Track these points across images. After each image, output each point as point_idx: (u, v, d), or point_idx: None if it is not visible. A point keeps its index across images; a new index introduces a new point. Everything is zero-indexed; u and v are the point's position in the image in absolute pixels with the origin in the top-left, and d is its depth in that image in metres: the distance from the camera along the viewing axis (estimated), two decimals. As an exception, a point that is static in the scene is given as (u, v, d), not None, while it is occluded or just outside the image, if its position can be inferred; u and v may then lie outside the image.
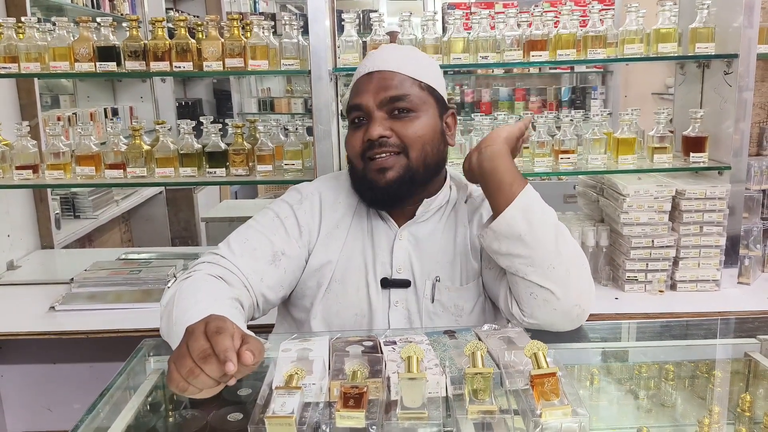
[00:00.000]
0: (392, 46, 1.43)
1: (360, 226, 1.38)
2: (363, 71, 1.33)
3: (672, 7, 1.99)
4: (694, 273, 2.05)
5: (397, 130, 1.27)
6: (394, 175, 1.27)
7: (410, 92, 1.29)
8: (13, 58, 2.01)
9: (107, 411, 1.04)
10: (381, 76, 1.29)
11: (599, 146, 2.07)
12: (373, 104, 1.28)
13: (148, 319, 1.94)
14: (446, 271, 1.36)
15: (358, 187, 1.35)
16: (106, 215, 3.52)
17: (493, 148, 1.26)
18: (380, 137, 1.26)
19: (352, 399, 0.91)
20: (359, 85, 1.32)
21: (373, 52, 1.37)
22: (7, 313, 2.07)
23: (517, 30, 2.03)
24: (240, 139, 2.12)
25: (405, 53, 1.37)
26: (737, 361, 1.24)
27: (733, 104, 2.00)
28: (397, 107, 1.28)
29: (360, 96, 1.30)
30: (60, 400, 2.39)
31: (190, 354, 0.87)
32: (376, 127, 1.26)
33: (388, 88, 1.28)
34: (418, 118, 1.29)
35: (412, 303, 1.35)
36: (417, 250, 1.36)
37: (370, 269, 1.35)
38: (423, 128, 1.29)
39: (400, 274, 1.35)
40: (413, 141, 1.28)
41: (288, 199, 1.41)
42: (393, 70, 1.30)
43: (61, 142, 2.12)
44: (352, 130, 1.32)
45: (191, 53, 2.01)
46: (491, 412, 0.92)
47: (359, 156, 1.30)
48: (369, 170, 1.29)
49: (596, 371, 1.22)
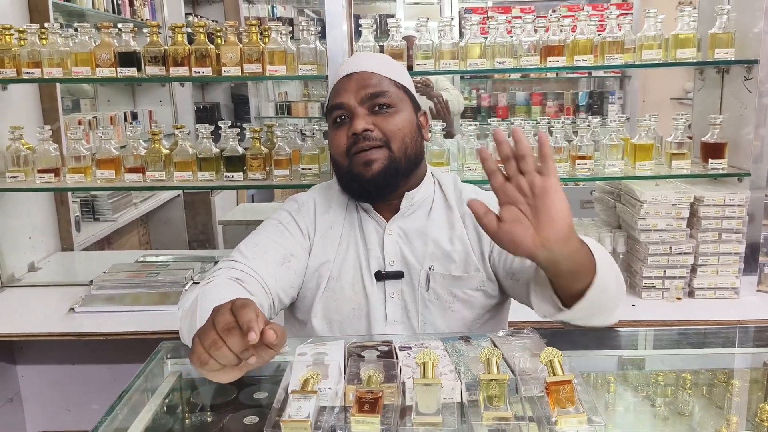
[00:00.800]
0: (367, 52, 1.53)
1: (351, 225, 1.44)
2: (342, 73, 1.41)
3: (691, 13, 1.97)
4: (713, 280, 2.03)
5: (379, 124, 1.34)
6: (379, 166, 1.33)
7: (389, 90, 1.37)
8: (36, 64, 2.05)
9: (125, 413, 1.05)
10: (360, 76, 1.37)
11: (617, 152, 2.06)
12: (354, 102, 1.35)
13: (166, 322, 1.96)
14: (441, 262, 1.39)
15: (346, 183, 1.42)
16: (124, 218, 3.56)
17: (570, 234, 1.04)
18: (364, 130, 1.33)
19: (367, 404, 0.92)
20: (339, 86, 1.39)
21: (349, 58, 1.49)
22: (27, 314, 2.10)
23: (534, 35, 2.02)
24: (257, 144, 2.14)
25: (381, 58, 1.48)
26: (756, 370, 1.23)
27: (753, 110, 1.98)
28: (378, 103, 1.35)
29: (341, 95, 1.37)
30: (79, 401, 2.41)
31: (215, 327, 0.89)
32: (359, 122, 1.33)
33: (368, 86, 1.36)
34: (397, 113, 1.36)
35: (408, 293, 1.39)
36: (408, 244, 1.41)
37: (364, 264, 1.40)
38: (402, 122, 1.36)
39: (392, 266, 1.39)
40: (394, 133, 1.35)
41: (287, 207, 1.48)
42: (370, 70, 1.38)
43: (82, 146, 2.15)
44: (335, 129, 1.38)
45: (210, 58, 2.03)
46: (506, 418, 0.91)
47: (344, 153, 1.36)
48: (355, 164, 1.35)
49: (613, 379, 1.21)
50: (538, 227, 1.01)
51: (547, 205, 1.00)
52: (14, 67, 2.06)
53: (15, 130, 2.13)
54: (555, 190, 1.00)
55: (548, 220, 1.00)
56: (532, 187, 1.01)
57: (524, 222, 1.01)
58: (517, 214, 1.02)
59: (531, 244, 1.01)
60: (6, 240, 2.36)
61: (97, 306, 2.07)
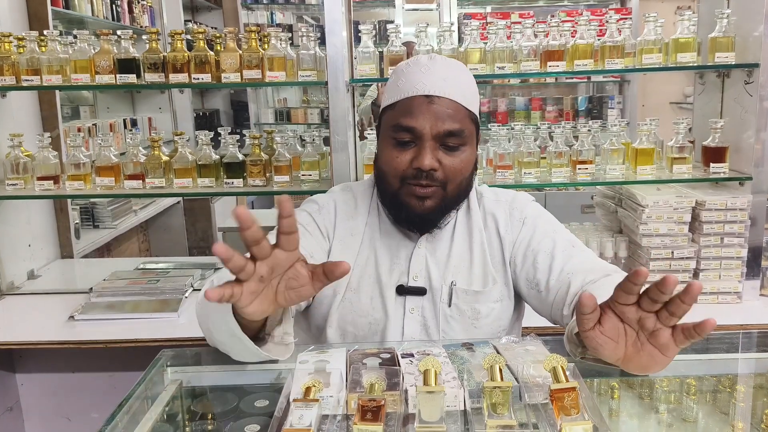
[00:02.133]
0: (445, 64, 1.32)
1: (373, 235, 1.39)
2: (420, 90, 1.26)
3: (691, 17, 1.97)
4: (715, 285, 2.02)
5: (445, 163, 1.26)
6: (431, 204, 1.27)
7: (465, 127, 1.27)
8: (36, 71, 2.05)
9: (126, 421, 1.04)
10: (441, 103, 1.25)
11: (617, 156, 2.06)
12: (429, 132, 1.24)
13: (166, 329, 1.95)
14: (463, 276, 1.36)
15: (390, 206, 1.34)
16: (124, 225, 3.55)
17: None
18: (430, 169, 1.24)
19: (369, 412, 0.91)
20: (415, 105, 1.26)
21: (427, 66, 1.30)
22: (27, 322, 2.09)
23: (534, 40, 2.02)
24: (257, 150, 2.14)
25: (460, 76, 1.31)
26: (760, 376, 1.22)
27: (754, 114, 1.97)
28: (451, 141, 1.26)
29: (416, 119, 1.25)
30: (79, 409, 2.40)
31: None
32: (428, 157, 1.24)
33: (446, 120, 1.25)
34: (464, 153, 1.28)
35: (428, 309, 1.35)
36: (433, 257, 1.37)
37: (385, 278, 1.35)
38: (466, 163, 1.29)
39: (416, 282, 1.35)
40: (455, 176, 1.28)
41: (307, 208, 1.43)
42: (453, 99, 1.26)
43: (82, 153, 2.15)
44: (396, 148, 1.27)
45: (209, 65, 2.03)
46: (510, 426, 0.91)
47: (398, 176, 1.28)
48: (405, 194, 1.28)
49: (616, 385, 1.20)
50: (628, 362, 0.93)
51: (653, 357, 0.91)
52: (13, 75, 2.06)
53: (14, 138, 2.12)
54: (671, 350, 0.90)
55: (640, 368, 0.93)
56: (655, 334, 0.89)
57: (620, 344, 0.92)
58: (619, 331, 0.91)
59: (611, 360, 0.94)
60: (5, 248, 2.36)
61: (97, 314, 2.06)
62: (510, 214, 1.40)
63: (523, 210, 1.40)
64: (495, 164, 2.11)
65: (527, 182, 2.07)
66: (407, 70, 1.31)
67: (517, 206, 1.41)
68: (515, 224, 1.39)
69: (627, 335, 0.91)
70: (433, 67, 1.30)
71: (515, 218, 1.39)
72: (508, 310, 1.39)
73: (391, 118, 1.29)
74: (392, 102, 1.30)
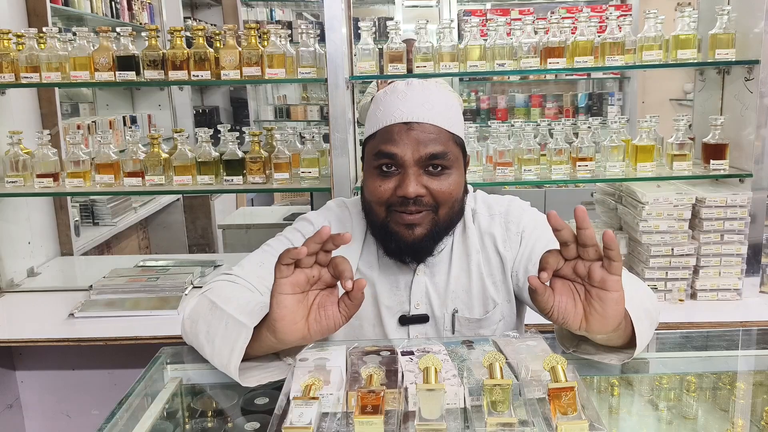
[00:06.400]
0: (422, 88, 1.29)
1: (369, 262, 1.35)
2: (399, 117, 1.24)
3: (691, 14, 1.97)
4: (715, 282, 2.02)
5: (432, 187, 1.23)
6: (421, 232, 1.24)
7: (448, 149, 1.24)
8: (35, 68, 2.04)
9: (126, 419, 1.04)
10: (421, 129, 1.22)
11: (617, 153, 2.05)
12: (410, 158, 1.21)
13: (166, 327, 1.96)
14: (463, 301, 1.34)
15: (380, 237, 1.30)
16: (124, 222, 3.55)
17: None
18: (416, 196, 1.21)
19: (369, 405, 0.91)
20: (395, 132, 1.23)
21: (404, 92, 1.27)
22: (26, 319, 2.09)
23: (534, 37, 2.02)
24: (257, 147, 2.13)
25: (439, 99, 1.28)
26: (760, 373, 1.22)
27: (754, 111, 1.97)
28: (435, 164, 1.23)
29: (396, 145, 1.22)
30: (79, 407, 2.40)
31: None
32: (411, 184, 1.21)
33: (428, 144, 1.22)
34: (451, 175, 1.25)
35: (432, 336, 1.34)
36: (432, 282, 1.34)
37: (386, 307, 1.33)
38: (455, 185, 1.25)
39: (418, 310, 1.34)
40: (445, 200, 1.25)
41: (300, 228, 1.39)
42: (433, 123, 1.23)
43: (81, 151, 2.14)
44: (379, 176, 1.24)
45: (209, 62, 2.02)
46: (510, 424, 0.90)
47: (383, 204, 1.25)
48: (393, 222, 1.25)
49: (615, 382, 1.20)
50: (588, 318, 0.98)
51: (603, 300, 0.96)
52: (13, 72, 2.05)
53: (14, 135, 2.12)
54: (616, 288, 0.95)
55: (599, 316, 0.97)
56: (591, 276, 0.96)
57: (577, 304, 0.98)
58: (572, 292, 0.98)
59: (577, 327, 0.99)
60: (5, 245, 2.36)
61: (96, 311, 2.06)
62: (506, 228, 1.37)
63: (519, 223, 1.37)
64: (495, 161, 2.11)
65: (527, 179, 2.07)
66: (385, 99, 1.29)
67: (513, 219, 1.37)
68: (513, 239, 1.36)
69: (577, 291, 0.98)
70: (410, 93, 1.27)
71: (512, 232, 1.36)
72: (511, 323, 1.39)
73: (373, 147, 1.26)
74: (373, 132, 1.28)
